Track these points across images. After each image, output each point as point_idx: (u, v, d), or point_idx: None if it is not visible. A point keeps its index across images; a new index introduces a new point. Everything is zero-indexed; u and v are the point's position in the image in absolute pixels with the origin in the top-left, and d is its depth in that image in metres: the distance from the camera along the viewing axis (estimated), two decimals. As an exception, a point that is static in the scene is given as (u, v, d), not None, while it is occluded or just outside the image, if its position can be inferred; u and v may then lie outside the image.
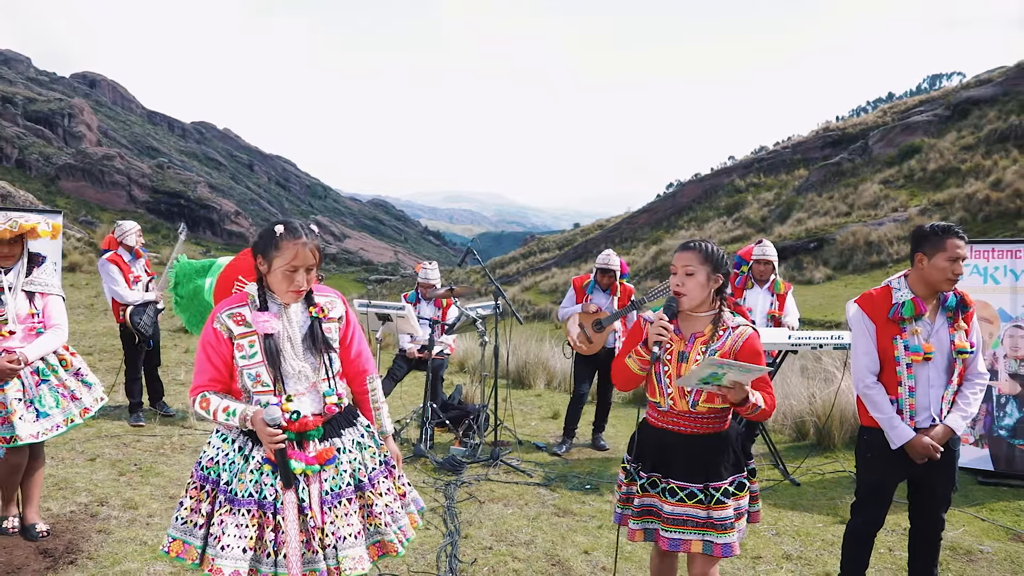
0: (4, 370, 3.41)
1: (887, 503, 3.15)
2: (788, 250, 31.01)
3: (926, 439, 2.93)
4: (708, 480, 2.53)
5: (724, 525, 2.49)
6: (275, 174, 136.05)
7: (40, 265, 3.70)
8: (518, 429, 6.56)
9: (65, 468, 4.70)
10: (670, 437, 2.60)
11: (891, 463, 3.05)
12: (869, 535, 3.21)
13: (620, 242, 57.75)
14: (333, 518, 2.31)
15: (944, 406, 2.99)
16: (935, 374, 2.99)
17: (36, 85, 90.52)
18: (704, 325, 2.58)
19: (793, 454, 5.82)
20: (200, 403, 2.29)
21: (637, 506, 2.62)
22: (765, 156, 56.47)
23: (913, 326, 2.99)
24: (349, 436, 2.45)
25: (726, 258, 2.61)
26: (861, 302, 3.11)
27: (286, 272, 2.30)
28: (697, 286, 2.55)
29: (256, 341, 2.31)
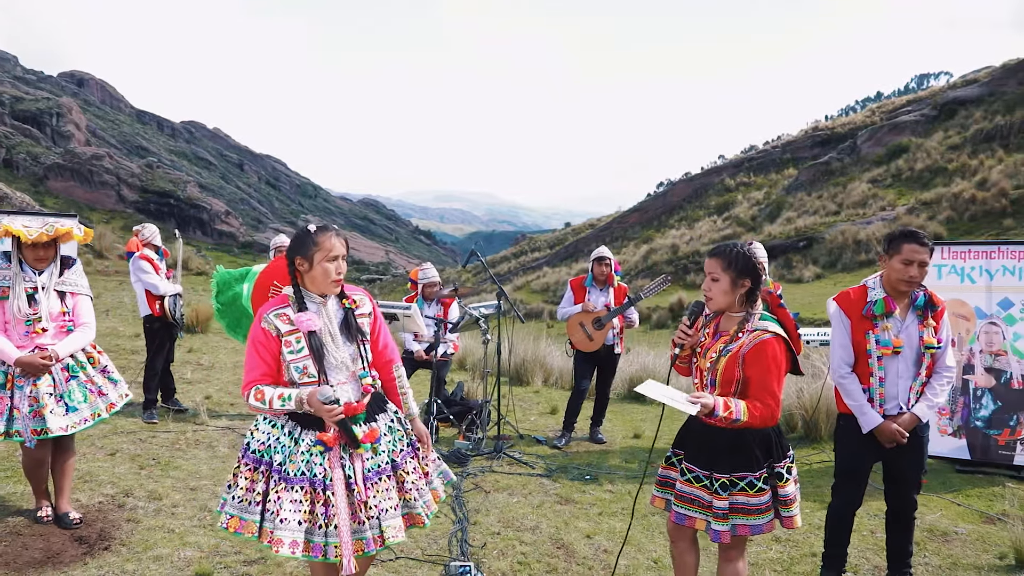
0: (38, 366, 3.64)
1: (862, 484, 3.45)
2: (778, 249, 31.37)
3: (893, 425, 3.26)
4: (711, 469, 2.73)
5: (719, 514, 2.70)
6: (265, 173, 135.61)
7: (71, 267, 3.93)
8: (519, 424, 6.80)
9: (88, 462, 4.90)
10: (695, 423, 2.83)
11: (863, 446, 3.36)
12: (848, 514, 3.52)
13: (611, 241, 58.00)
14: (375, 493, 2.60)
15: (912, 396, 3.31)
16: (904, 367, 3.30)
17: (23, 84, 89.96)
18: (734, 324, 2.74)
19: (782, 446, 6.08)
20: (255, 395, 2.53)
21: (661, 475, 2.92)
22: (755, 155, 56.92)
23: (884, 322, 3.30)
24: (382, 421, 2.73)
25: (754, 262, 2.73)
26: (839, 299, 3.44)
27: (327, 263, 2.59)
28: (721, 292, 2.71)
29: (302, 337, 2.58)
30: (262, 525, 2.55)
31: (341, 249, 2.65)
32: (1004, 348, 5.33)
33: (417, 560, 3.72)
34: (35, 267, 3.77)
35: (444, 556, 3.78)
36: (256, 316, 2.63)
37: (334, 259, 2.61)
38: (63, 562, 3.48)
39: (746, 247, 2.80)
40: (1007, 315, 5.32)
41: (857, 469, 3.45)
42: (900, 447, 3.30)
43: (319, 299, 2.67)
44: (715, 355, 2.72)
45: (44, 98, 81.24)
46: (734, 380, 2.67)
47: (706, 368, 2.75)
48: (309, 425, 2.60)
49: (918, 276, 3.24)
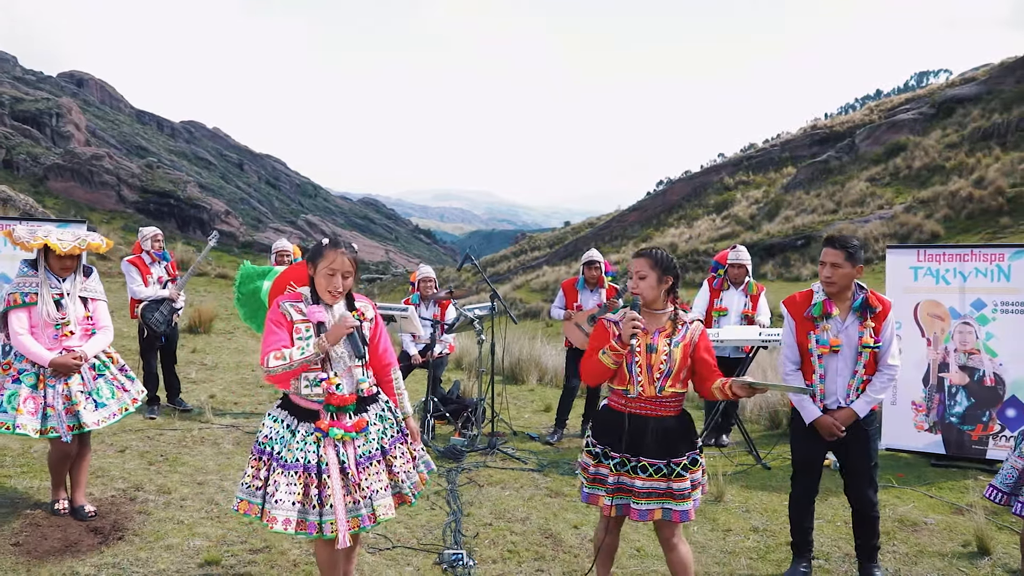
0: (70, 366, 3.91)
1: (816, 472, 3.73)
2: (776, 247, 31.59)
3: (829, 419, 3.51)
4: (670, 456, 2.98)
5: (682, 495, 2.96)
6: (265, 173, 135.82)
7: (89, 275, 4.18)
8: (513, 421, 7.03)
9: (99, 458, 5.13)
10: (639, 420, 3.00)
11: (811, 438, 3.64)
12: (806, 502, 3.76)
13: (610, 240, 58.23)
14: (367, 476, 2.91)
15: (852, 392, 3.53)
16: (842, 365, 3.55)
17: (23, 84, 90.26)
18: (664, 321, 3.04)
19: (767, 441, 6.31)
20: (275, 357, 2.80)
21: (612, 483, 3.02)
22: (754, 154, 57.10)
23: (824, 323, 3.55)
24: (373, 411, 3.04)
25: (674, 261, 3.08)
26: (786, 302, 3.72)
27: (326, 274, 2.87)
28: (649, 287, 3.01)
29: (311, 327, 2.89)
30: (263, 507, 2.87)
31: (343, 265, 2.88)
32: (977, 347, 5.56)
33: (413, 549, 3.95)
34: (60, 275, 4.02)
35: (438, 545, 4.00)
36: (272, 304, 2.95)
37: (333, 273, 2.86)
38: (80, 551, 3.71)
39: (666, 250, 3.17)
40: (980, 315, 5.55)
41: (809, 459, 3.72)
42: (848, 440, 3.54)
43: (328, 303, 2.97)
44: (666, 348, 2.99)
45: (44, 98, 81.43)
46: (685, 367, 3.03)
47: (661, 361, 2.98)
48: (305, 418, 2.92)
49: (831, 276, 3.49)
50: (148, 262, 6.44)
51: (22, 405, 3.85)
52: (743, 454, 5.95)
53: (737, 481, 5.31)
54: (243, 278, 3.44)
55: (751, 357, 5.92)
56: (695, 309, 6.25)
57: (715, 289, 6.18)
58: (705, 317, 6.16)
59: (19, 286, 3.95)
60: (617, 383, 3.09)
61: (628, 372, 3.02)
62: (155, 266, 6.48)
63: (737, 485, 5.20)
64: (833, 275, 3.48)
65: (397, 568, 3.72)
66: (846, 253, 3.46)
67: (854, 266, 3.47)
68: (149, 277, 6.40)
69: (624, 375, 3.04)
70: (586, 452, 3.17)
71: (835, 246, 3.48)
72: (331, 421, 2.90)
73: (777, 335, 5.47)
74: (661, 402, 3.01)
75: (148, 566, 3.57)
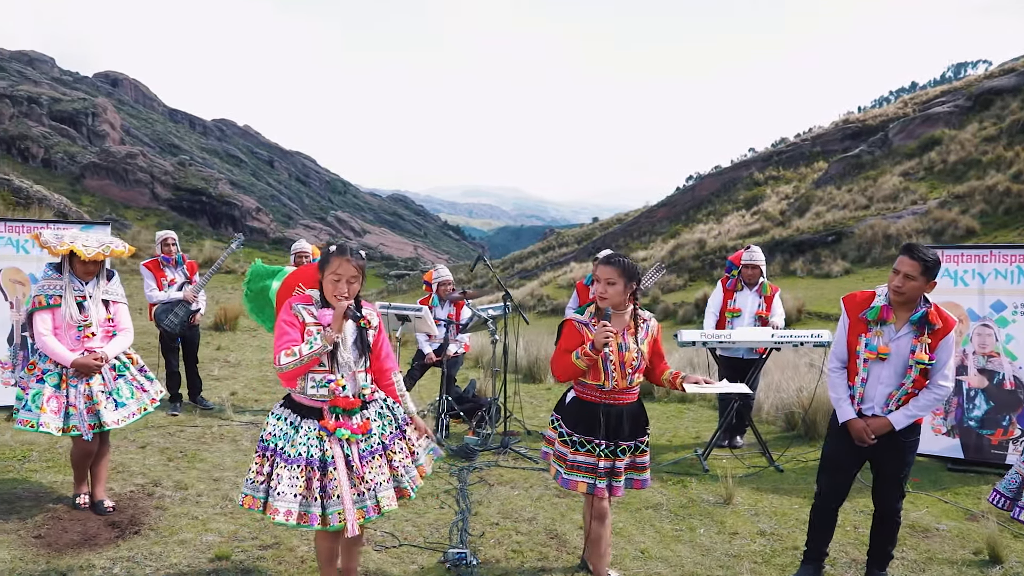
0: (91, 366, 4.05)
1: (843, 475, 3.60)
2: (806, 244, 31.15)
3: (862, 424, 3.43)
4: (637, 437, 3.47)
5: (643, 467, 3.50)
6: (295, 170, 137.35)
7: (111, 279, 4.31)
8: (528, 420, 7.07)
9: (121, 454, 5.29)
10: (615, 409, 3.39)
11: (842, 438, 3.54)
12: (829, 509, 3.66)
13: (638, 236, 57.93)
14: (370, 469, 3.07)
15: (892, 403, 3.41)
16: (888, 374, 3.43)
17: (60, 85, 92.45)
18: (627, 320, 3.40)
19: (782, 443, 6.27)
20: (286, 354, 2.94)
21: (603, 468, 3.33)
22: (784, 149, 56.36)
23: (877, 328, 3.45)
24: (373, 409, 3.19)
25: (638, 268, 3.41)
26: (846, 299, 3.62)
27: (332, 279, 3.03)
28: (616, 293, 3.31)
29: (322, 330, 3.02)
30: (267, 500, 2.99)
31: (347, 272, 3.04)
32: (997, 350, 5.46)
33: (419, 547, 4.01)
34: (83, 279, 4.15)
35: (444, 544, 4.06)
36: (284, 306, 3.08)
37: (339, 278, 3.03)
38: (98, 544, 3.83)
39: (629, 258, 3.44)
40: (999, 317, 5.45)
41: (837, 459, 3.61)
42: (881, 448, 3.44)
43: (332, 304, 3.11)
44: (636, 347, 3.35)
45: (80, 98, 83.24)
46: (648, 359, 3.44)
47: (632, 358, 3.35)
48: (308, 416, 3.06)
49: (901, 286, 3.34)
50: (163, 265, 6.59)
51: (45, 404, 3.99)
52: (756, 456, 5.92)
53: (748, 483, 5.29)
54: (253, 276, 3.57)
55: (764, 358, 5.88)
56: (708, 310, 6.23)
57: (728, 290, 6.15)
58: (719, 318, 6.13)
59: (44, 288, 4.09)
60: (591, 378, 3.36)
61: (603, 369, 3.34)
62: (171, 269, 6.63)
63: (747, 487, 5.19)
64: (904, 286, 3.33)
65: (402, 566, 3.78)
66: (923, 267, 3.30)
67: (928, 281, 3.32)
68: (164, 280, 6.55)
69: (598, 372, 3.34)
70: (560, 441, 3.47)
71: (913, 257, 3.32)
72: (336, 423, 3.04)
73: (790, 337, 5.44)
74: (629, 391, 3.43)
75: (161, 560, 3.68)
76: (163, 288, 6.55)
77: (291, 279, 3.31)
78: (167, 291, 6.56)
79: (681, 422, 7.24)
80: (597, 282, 3.36)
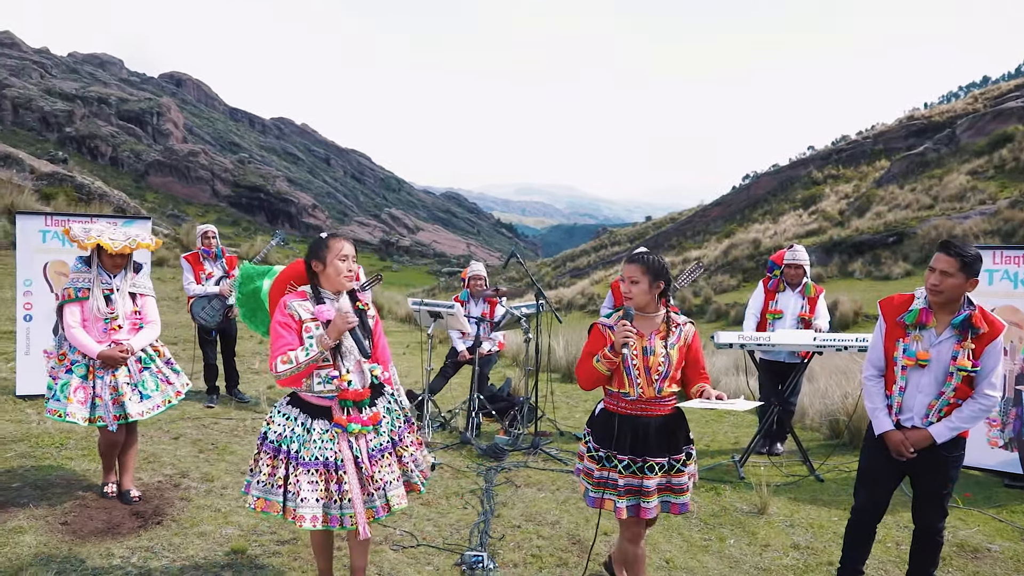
0: (117, 358, 4.09)
1: (880, 490, 3.35)
2: (865, 244, 30.17)
3: (899, 436, 3.18)
4: (671, 453, 3.06)
5: (681, 488, 3.06)
6: (351, 168, 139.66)
7: (139, 272, 4.35)
8: (563, 421, 6.95)
9: (153, 445, 5.37)
10: (642, 421, 3.05)
11: (880, 451, 3.29)
12: (865, 523, 3.42)
13: (692, 235, 57.01)
14: (379, 468, 3.02)
15: (933, 414, 3.16)
16: (927, 381, 3.17)
17: (128, 86, 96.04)
18: (658, 324, 3.10)
19: (824, 451, 6.00)
20: (281, 360, 2.88)
21: (623, 486, 3.03)
22: (845, 147, 54.69)
23: (916, 333, 3.19)
24: (381, 404, 3.14)
25: (666, 266, 3.09)
26: (883, 303, 3.37)
27: (338, 261, 2.98)
28: (641, 292, 3.05)
29: (320, 325, 2.96)
30: (285, 505, 2.95)
31: (350, 250, 3.04)
32: (1060, 358, 5.10)
33: (437, 548, 3.94)
34: (111, 271, 4.20)
35: (463, 545, 3.98)
36: (279, 305, 3.00)
37: (344, 258, 2.99)
38: (120, 533, 3.88)
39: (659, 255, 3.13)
40: (1064, 324, 5.09)
41: (873, 473, 3.37)
42: (921, 462, 3.20)
43: (332, 296, 3.06)
44: (663, 350, 3.03)
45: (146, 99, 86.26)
46: (680, 367, 3.09)
47: (659, 363, 3.02)
48: (318, 415, 3.00)
49: (939, 285, 3.11)
50: (203, 258, 6.69)
51: (72, 395, 4.05)
52: (796, 464, 5.67)
53: (785, 493, 5.06)
54: (243, 278, 3.50)
55: (806, 363, 5.62)
56: (748, 311, 5.99)
57: (770, 290, 5.90)
58: (759, 319, 5.90)
59: (73, 281, 4.16)
60: (616, 386, 3.10)
61: (627, 375, 3.05)
62: (210, 262, 6.72)
63: (784, 497, 4.96)
64: (941, 284, 3.10)
65: (417, 567, 3.71)
66: (961, 262, 3.06)
67: (968, 278, 3.07)
68: (202, 273, 6.65)
69: (622, 378, 3.07)
70: (588, 457, 3.18)
71: (949, 252, 3.09)
72: (348, 416, 3.00)
73: (833, 340, 5.18)
74: (660, 402, 3.07)
75: (179, 551, 3.70)
76: (201, 281, 6.66)
77: (282, 277, 3.24)
78: (204, 284, 6.66)
79: (720, 427, 7.01)
80: (623, 281, 3.13)
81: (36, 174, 18.57)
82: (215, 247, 6.84)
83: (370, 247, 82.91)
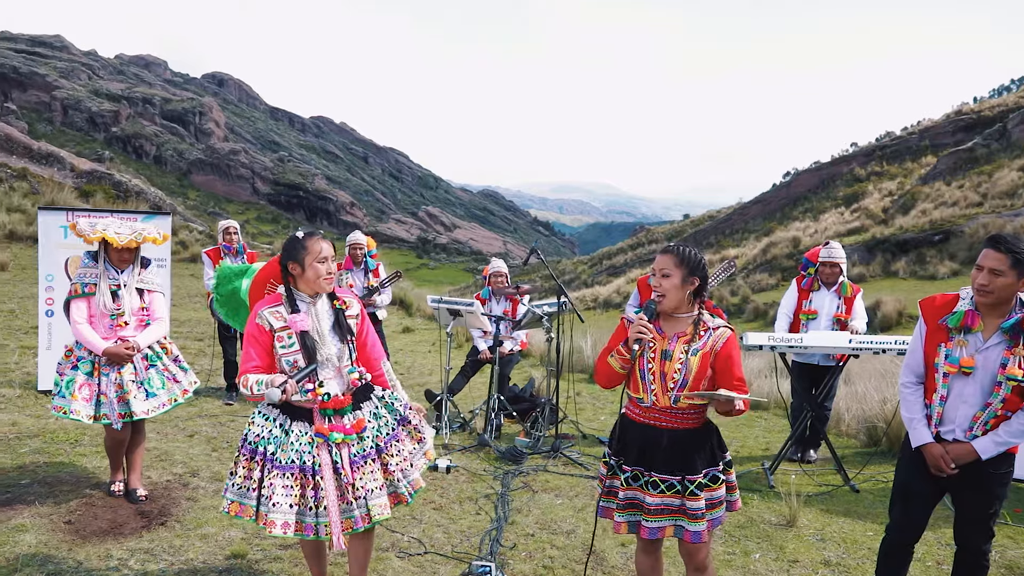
0: (122, 355, 4.02)
1: (918, 508, 3.07)
2: (910, 243, 29.24)
3: (939, 449, 2.89)
4: (684, 473, 2.70)
5: (696, 515, 2.66)
6: (388, 166, 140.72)
7: (147, 267, 4.27)
8: (587, 423, 6.74)
9: (167, 442, 5.31)
10: (652, 432, 2.75)
11: (918, 466, 3.00)
12: (900, 541, 3.14)
13: (730, 234, 56.08)
14: (361, 475, 2.83)
15: (978, 427, 2.87)
16: (972, 391, 2.88)
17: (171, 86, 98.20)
18: (686, 326, 2.74)
19: (860, 460, 5.68)
20: (243, 382, 2.74)
21: (622, 499, 2.78)
22: (889, 143, 53.22)
23: (960, 337, 2.90)
24: (367, 408, 2.97)
25: (704, 262, 2.75)
26: (924, 303, 3.07)
27: (317, 263, 2.82)
28: (672, 288, 2.70)
29: (293, 334, 2.80)
30: (258, 509, 2.81)
31: (329, 251, 2.87)
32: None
33: (445, 556, 3.77)
34: (118, 267, 4.12)
35: (472, 554, 3.81)
36: (252, 312, 2.85)
37: (323, 260, 2.82)
38: (123, 533, 3.79)
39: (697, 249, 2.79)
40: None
41: (910, 488, 3.08)
42: (964, 480, 2.91)
43: (309, 299, 2.90)
44: (683, 356, 2.69)
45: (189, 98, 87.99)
46: (704, 377, 2.69)
47: (675, 370, 2.69)
48: (298, 417, 2.85)
49: (987, 284, 2.81)
50: (224, 254, 6.63)
51: (77, 391, 3.99)
52: (830, 472, 5.37)
53: (817, 504, 4.77)
54: (221, 279, 3.36)
55: (841, 366, 5.33)
56: (781, 311, 5.70)
57: (804, 289, 5.60)
58: (792, 320, 5.60)
59: (80, 277, 4.09)
60: (632, 390, 2.82)
61: (641, 380, 2.76)
62: (230, 258, 6.66)
63: (816, 508, 4.68)
64: (990, 283, 2.81)
65: (422, 575, 3.56)
66: (1013, 259, 2.76)
67: (1020, 277, 2.78)
68: None
69: (637, 382, 2.78)
70: (603, 463, 2.93)
71: (999, 248, 2.79)
72: (331, 425, 2.85)
73: (870, 343, 4.88)
74: (677, 414, 2.72)
75: (178, 554, 3.60)
76: None
77: (261, 276, 3.10)
78: None
79: (752, 431, 6.72)
80: (653, 275, 2.79)
81: (76, 172, 18.96)
82: (236, 243, 6.79)
83: (407, 244, 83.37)
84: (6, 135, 19.80)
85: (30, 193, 16.71)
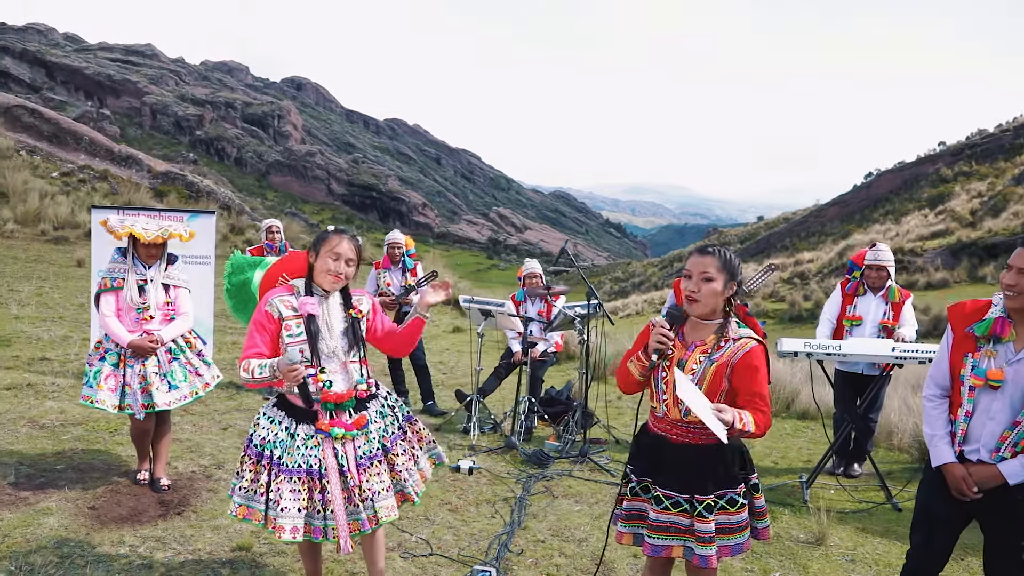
0: (147, 348, 4.14)
1: (938, 534, 2.81)
2: (999, 247, 27.65)
3: (960, 471, 2.63)
4: (692, 492, 2.50)
5: (704, 538, 2.46)
6: (461, 167, 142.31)
7: (173, 263, 4.39)
8: (622, 429, 6.57)
9: (201, 434, 5.45)
10: (662, 444, 2.58)
11: (939, 487, 2.74)
12: (921, 569, 2.89)
13: (806, 236, 54.27)
14: (368, 477, 2.84)
15: (1006, 448, 2.59)
16: (1000, 406, 2.61)
17: (252, 90, 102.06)
18: (708, 334, 2.54)
19: (907, 475, 5.34)
20: (243, 367, 2.76)
21: (626, 509, 2.64)
22: (979, 141, 50.41)
23: (988, 347, 2.64)
24: (374, 407, 2.97)
25: (741, 266, 2.58)
26: (951, 309, 2.82)
27: (330, 256, 2.82)
28: (712, 293, 2.49)
29: (301, 323, 2.81)
30: (267, 513, 2.82)
31: (347, 251, 2.85)
32: None
33: (449, 559, 3.72)
34: (146, 262, 4.26)
35: (477, 558, 3.74)
36: (262, 300, 2.88)
37: (336, 257, 2.83)
38: (140, 521, 3.90)
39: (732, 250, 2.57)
40: None
41: (931, 512, 2.82)
42: (990, 505, 2.64)
43: (323, 293, 2.91)
44: (696, 366, 2.48)
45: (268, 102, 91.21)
46: (719, 391, 2.48)
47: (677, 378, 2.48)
48: (303, 419, 2.84)
49: (1014, 284, 2.57)
50: (267, 252, 6.77)
51: (103, 382, 4.14)
52: (873, 489, 5.06)
53: (852, 521, 4.50)
54: (233, 268, 3.38)
55: (887, 375, 5.01)
56: (823, 316, 5.41)
57: (848, 294, 5.29)
58: (835, 326, 5.31)
59: (109, 271, 4.25)
60: (650, 399, 2.65)
61: (655, 388, 2.59)
62: (273, 257, 6.79)
63: (850, 526, 4.40)
64: (1018, 284, 2.57)
65: (422, 578, 3.51)
66: None
67: None
68: None
69: (652, 391, 2.61)
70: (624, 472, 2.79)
71: None
72: (331, 420, 2.84)
73: (915, 351, 4.57)
74: (686, 427, 2.52)
75: (187, 544, 3.66)
76: None
77: (275, 269, 3.13)
78: None
79: (795, 441, 6.42)
80: (687, 278, 2.54)
81: (152, 173, 19.90)
82: (279, 241, 6.93)
83: (478, 245, 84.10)
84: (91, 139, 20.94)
85: (110, 193, 17.63)
